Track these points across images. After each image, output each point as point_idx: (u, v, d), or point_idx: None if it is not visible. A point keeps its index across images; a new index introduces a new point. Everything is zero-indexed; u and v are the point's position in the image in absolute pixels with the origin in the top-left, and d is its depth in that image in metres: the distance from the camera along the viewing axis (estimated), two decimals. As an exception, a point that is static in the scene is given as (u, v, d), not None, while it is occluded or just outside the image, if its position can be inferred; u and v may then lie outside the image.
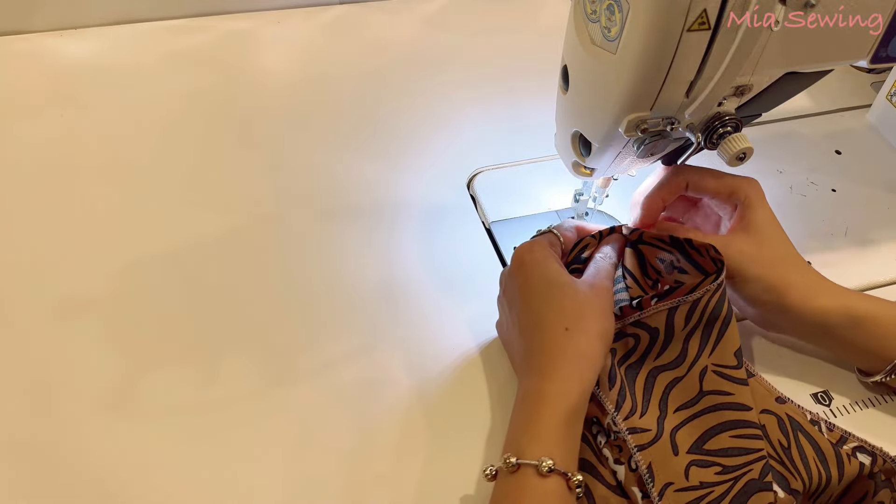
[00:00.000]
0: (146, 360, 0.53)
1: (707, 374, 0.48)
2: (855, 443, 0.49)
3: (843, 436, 0.50)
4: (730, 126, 0.45)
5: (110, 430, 0.49)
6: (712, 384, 0.48)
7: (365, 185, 0.67)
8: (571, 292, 0.48)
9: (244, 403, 0.51)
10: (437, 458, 0.49)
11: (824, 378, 0.55)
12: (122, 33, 0.80)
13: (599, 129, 0.47)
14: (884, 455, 0.49)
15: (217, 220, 0.62)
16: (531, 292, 0.49)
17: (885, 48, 0.46)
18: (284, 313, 0.56)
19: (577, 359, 0.46)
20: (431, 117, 0.74)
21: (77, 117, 0.71)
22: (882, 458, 0.48)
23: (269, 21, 0.84)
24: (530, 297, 0.49)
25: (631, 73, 0.42)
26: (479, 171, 0.68)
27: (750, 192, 0.53)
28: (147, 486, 0.47)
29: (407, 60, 0.81)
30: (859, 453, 0.48)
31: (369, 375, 0.53)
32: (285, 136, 0.71)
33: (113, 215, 0.62)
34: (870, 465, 0.48)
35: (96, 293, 0.56)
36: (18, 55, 0.77)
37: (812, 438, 0.49)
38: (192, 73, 0.76)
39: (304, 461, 0.48)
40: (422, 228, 0.63)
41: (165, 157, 0.68)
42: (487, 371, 0.54)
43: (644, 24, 0.40)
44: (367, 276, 0.59)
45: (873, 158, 0.73)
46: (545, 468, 0.42)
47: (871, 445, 0.49)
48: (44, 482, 0.46)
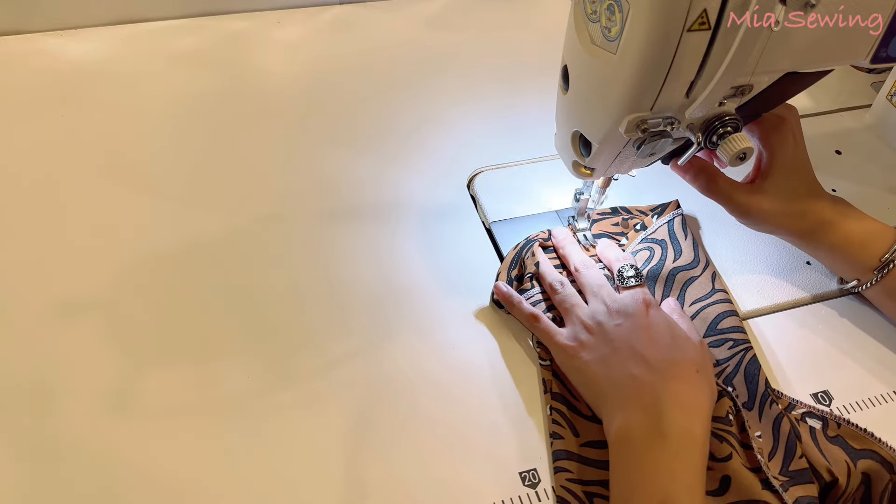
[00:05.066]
0: (146, 360, 0.53)
1: (717, 276, 0.59)
2: (803, 409, 0.51)
3: (791, 402, 0.52)
4: (730, 126, 0.45)
5: (110, 430, 0.49)
6: (721, 285, 0.58)
7: (365, 184, 0.67)
8: (696, 345, 0.51)
9: (244, 403, 0.51)
10: (438, 458, 0.49)
11: (824, 378, 0.55)
12: (122, 33, 0.80)
13: (599, 129, 0.47)
14: (836, 418, 0.50)
15: (217, 219, 0.62)
16: (656, 336, 0.51)
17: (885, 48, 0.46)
18: (285, 313, 0.56)
19: (710, 400, 0.48)
20: (431, 117, 0.74)
21: (77, 117, 0.71)
22: (836, 422, 0.50)
23: (269, 21, 0.84)
24: (654, 341, 0.50)
25: (631, 74, 0.42)
26: (479, 171, 0.68)
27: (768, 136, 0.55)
28: (147, 485, 0.47)
29: (407, 60, 0.81)
30: (808, 418, 0.50)
31: (370, 375, 0.53)
32: (285, 136, 0.71)
33: (113, 215, 0.62)
34: (821, 429, 0.50)
35: (96, 293, 0.56)
36: (18, 55, 0.77)
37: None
38: (191, 74, 0.76)
39: (304, 461, 0.48)
40: (422, 228, 0.63)
41: (165, 157, 0.68)
42: (487, 370, 0.54)
43: (644, 24, 0.40)
44: (368, 276, 0.59)
45: (873, 158, 0.73)
46: None
47: (820, 410, 0.51)
48: (44, 482, 0.46)
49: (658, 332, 0.51)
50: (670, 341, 0.50)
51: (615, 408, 0.48)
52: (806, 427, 0.50)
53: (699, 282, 0.58)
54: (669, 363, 0.48)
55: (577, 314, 0.54)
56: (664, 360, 0.49)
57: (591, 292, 0.55)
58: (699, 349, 0.51)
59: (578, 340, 0.52)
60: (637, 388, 0.48)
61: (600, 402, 0.50)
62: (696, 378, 0.48)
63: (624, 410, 0.47)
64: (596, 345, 0.51)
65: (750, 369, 0.52)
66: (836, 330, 0.58)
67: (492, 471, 0.48)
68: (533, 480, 0.48)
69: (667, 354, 0.49)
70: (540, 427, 0.51)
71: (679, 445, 0.44)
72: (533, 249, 0.59)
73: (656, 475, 0.43)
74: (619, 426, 0.46)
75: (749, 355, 0.53)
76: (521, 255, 0.58)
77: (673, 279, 0.58)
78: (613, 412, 0.48)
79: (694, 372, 0.48)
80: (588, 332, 0.52)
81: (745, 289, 0.60)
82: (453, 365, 0.54)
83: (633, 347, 0.50)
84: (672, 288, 0.58)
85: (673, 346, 0.50)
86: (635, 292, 0.54)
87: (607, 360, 0.50)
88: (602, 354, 0.51)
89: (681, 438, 0.44)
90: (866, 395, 0.54)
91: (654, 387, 0.47)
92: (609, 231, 0.63)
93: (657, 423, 0.45)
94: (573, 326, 0.53)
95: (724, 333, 0.55)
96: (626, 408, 0.47)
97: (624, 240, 0.63)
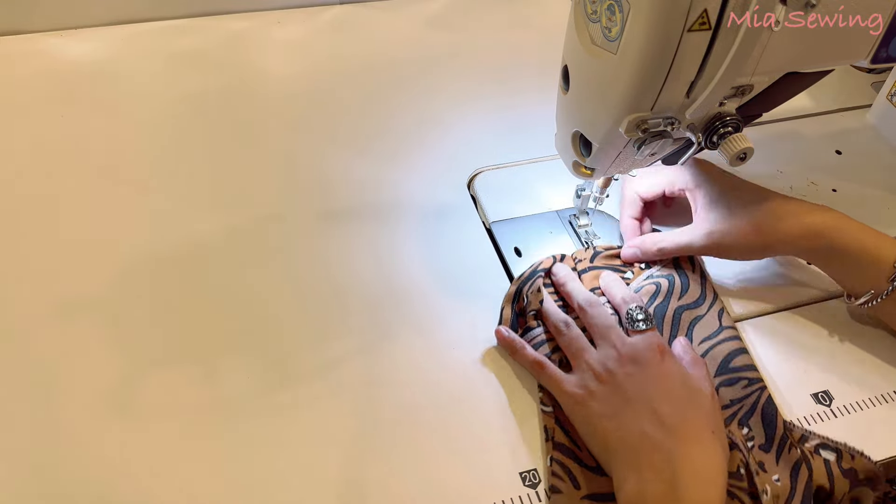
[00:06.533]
0: (146, 360, 0.53)
1: (724, 313, 0.56)
2: (817, 440, 0.50)
3: (804, 434, 0.50)
4: (730, 126, 0.45)
5: (110, 430, 0.49)
6: (728, 320, 0.56)
7: (365, 185, 0.67)
8: (709, 398, 0.48)
9: (244, 403, 0.51)
10: (438, 457, 0.49)
11: (824, 378, 0.55)
12: (122, 33, 0.80)
13: (600, 129, 0.47)
14: (850, 450, 0.49)
15: (217, 219, 0.62)
16: (671, 390, 0.48)
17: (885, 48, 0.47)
18: (285, 313, 0.56)
19: (725, 461, 0.46)
20: (431, 117, 0.74)
21: (77, 117, 0.71)
22: (850, 454, 0.49)
23: (269, 21, 0.84)
24: (669, 394, 0.48)
25: (631, 74, 0.42)
26: (479, 171, 0.68)
27: (684, 178, 0.58)
28: (147, 485, 0.47)
29: (407, 60, 0.81)
30: (822, 450, 0.49)
31: (370, 375, 0.53)
32: (285, 137, 0.71)
33: (113, 215, 0.62)
34: (835, 461, 0.48)
35: (96, 293, 0.56)
36: (18, 55, 0.77)
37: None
38: (191, 74, 0.76)
39: (304, 461, 0.48)
40: (422, 228, 0.63)
41: (165, 158, 0.68)
42: (487, 370, 0.54)
43: (644, 24, 0.40)
44: (368, 276, 0.59)
45: (873, 158, 0.73)
46: None
47: (834, 441, 0.49)
48: (44, 482, 0.46)
49: (673, 385, 0.48)
50: (685, 395, 0.48)
51: (626, 466, 0.46)
52: (820, 459, 0.49)
53: (706, 320, 0.55)
54: (683, 422, 0.46)
55: (585, 359, 0.51)
56: (679, 418, 0.46)
57: (600, 335, 0.52)
58: (712, 404, 0.48)
59: (587, 389, 0.49)
60: (649, 449, 0.45)
61: (609, 458, 0.47)
62: (711, 440, 0.46)
63: (636, 471, 0.45)
64: (606, 395, 0.48)
65: (767, 410, 0.50)
66: (836, 330, 0.58)
67: (492, 471, 0.48)
68: (533, 480, 0.48)
69: (682, 412, 0.46)
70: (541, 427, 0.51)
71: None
72: (539, 285, 0.56)
73: None
74: (632, 490, 0.44)
75: (765, 395, 0.51)
76: (522, 288, 0.56)
77: (679, 318, 0.55)
78: (625, 471, 0.45)
79: (709, 433, 0.46)
80: (598, 381, 0.49)
81: (746, 289, 0.60)
82: (453, 365, 0.54)
83: (646, 401, 0.47)
84: (679, 327, 0.55)
85: (688, 401, 0.47)
86: (648, 337, 0.51)
87: (619, 413, 0.47)
88: (613, 406, 0.48)
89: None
90: (866, 396, 0.54)
91: (668, 449, 0.45)
92: (613, 264, 0.60)
93: (672, 490, 0.43)
94: (581, 373, 0.50)
95: (737, 372, 0.52)
96: (639, 469, 0.45)
97: (629, 272, 0.59)
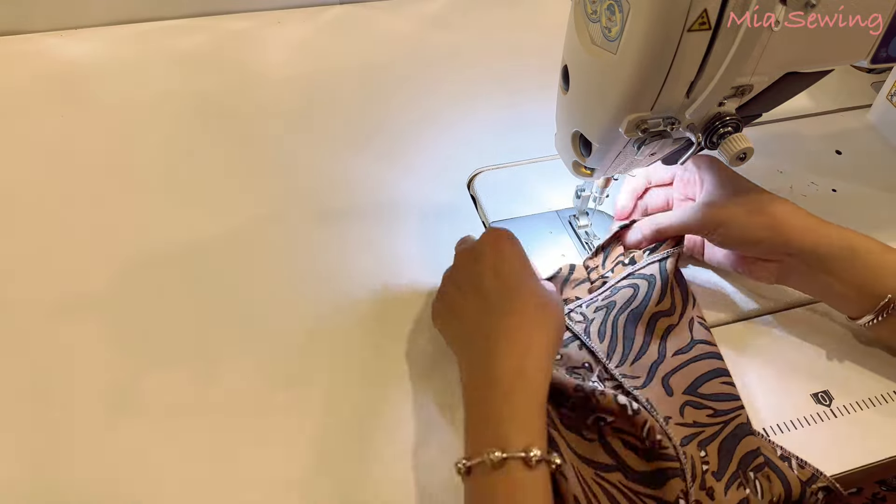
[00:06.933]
0: (146, 360, 0.53)
1: (695, 324, 0.55)
2: (824, 483, 0.48)
3: (815, 474, 0.48)
4: (730, 126, 0.45)
5: (110, 430, 0.49)
6: (700, 334, 0.54)
7: (365, 184, 0.67)
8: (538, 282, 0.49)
9: (244, 403, 0.51)
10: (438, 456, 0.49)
11: (824, 378, 0.55)
12: (122, 33, 0.80)
13: (600, 129, 0.47)
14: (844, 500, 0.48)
15: (217, 219, 0.62)
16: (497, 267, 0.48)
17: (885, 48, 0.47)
18: (285, 313, 0.56)
19: (549, 337, 0.46)
20: (431, 117, 0.74)
21: (77, 117, 0.71)
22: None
23: (270, 21, 0.84)
24: (496, 272, 0.48)
25: (631, 74, 0.42)
26: (479, 171, 0.68)
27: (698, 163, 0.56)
28: (147, 485, 0.47)
29: (407, 60, 0.81)
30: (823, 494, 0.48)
31: (370, 375, 0.53)
32: (285, 136, 0.71)
33: (113, 215, 0.62)
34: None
35: (96, 293, 0.56)
36: (18, 55, 0.77)
37: (781, 473, 0.48)
38: (192, 73, 0.76)
39: (304, 461, 0.48)
40: (422, 228, 0.63)
41: (166, 157, 0.68)
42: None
43: (644, 24, 0.40)
44: (368, 276, 0.59)
45: (873, 158, 0.73)
46: (534, 459, 0.39)
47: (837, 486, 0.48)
48: (44, 482, 0.46)
49: (501, 263, 0.48)
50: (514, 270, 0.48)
51: (458, 352, 0.48)
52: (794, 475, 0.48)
53: (678, 330, 0.54)
54: (507, 297, 0.46)
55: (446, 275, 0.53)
56: (502, 294, 0.46)
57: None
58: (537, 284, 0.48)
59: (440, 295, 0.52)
60: (473, 329, 0.46)
61: (456, 352, 0.49)
62: (534, 313, 0.46)
63: (463, 353, 0.46)
64: (444, 294, 0.51)
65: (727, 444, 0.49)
66: (836, 330, 0.58)
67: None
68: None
69: (506, 288, 0.47)
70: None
71: (509, 387, 0.42)
72: None
73: (489, 419, 0.42)
74: (463, 375, 0.46)
75: (729, 428, 0.49)
76: None
77: (654, 325, 0.54)
78: (458, 357, 0.48)
79: (533, 307, 0.46)
80: (443, 285, 0.52)
81: (746, 289, 0.60)
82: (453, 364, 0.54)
83: (474, 284, 0.48)
84: (654, 335, 0.54)
85: (516, 277, 0.48)
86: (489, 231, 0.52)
87: (454, 306, 0.49)
88: (450, 301, 0.50)
89: (511, 380, 0.42)
90: (866, 395, 0.54)
91: (489, 324, 0.45)
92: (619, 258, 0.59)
93: (487, 364, 0.44)
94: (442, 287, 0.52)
95: (705, 399, 0.50)
96: (468, 349, 0.46)
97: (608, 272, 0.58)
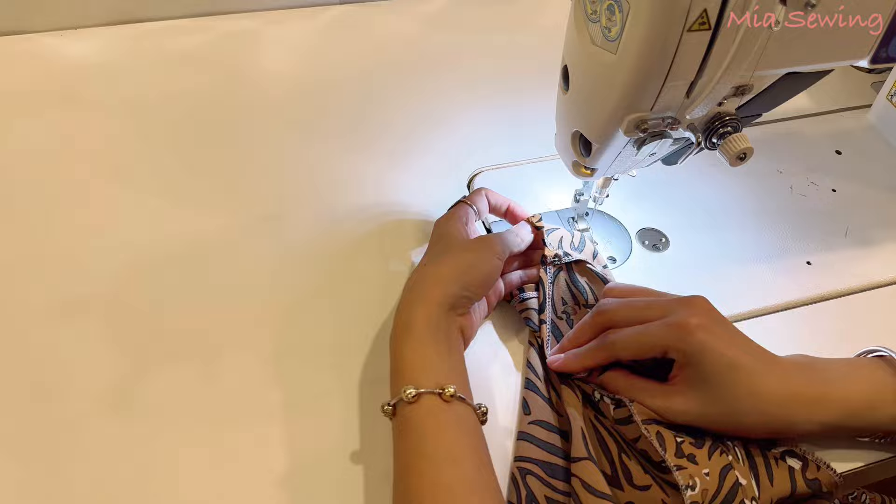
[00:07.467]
0: (146, 360, 0.53)
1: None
2: (784, 447, 0.47)
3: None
4: (730, 126, 0.45)
5: (110, 429, 0.49)
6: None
7: (365, 184, 0.67)
8: (456, 233, 0.53)
9: (244, 403, 0.51)
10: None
11: (824, 378, 0.54)
12: (122, 33, 0.80)
13: (600, 129, 0.47)
14: (816, 461, 0.46)
15: (217, 219, 0.62)
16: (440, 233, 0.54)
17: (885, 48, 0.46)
18: (284, 313, 0.56)
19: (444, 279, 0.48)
20: (431, 117, 0.74)
21: (77, 117, 0.71)
22: (815, 464, 0.46)
23: (270, 21, 0.84)
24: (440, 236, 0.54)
25: (631, 74, 0.42)
26: (479, 171, 0.68)
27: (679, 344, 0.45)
28: (147, 485, 0.47)
29: (407, 60, 0.81)
30: (788, 457, 0.46)
31: (370, 375, 0.53)
32: (285, 136, 0.71)
33: (113, 215, 0.62)
34: (800, 470, 0.46)
35: (96, 293, 0.56)
36: (18, 55, 0.77)
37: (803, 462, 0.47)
38: (191, 73, 0.76)
39: (304, 461, 0.48)
40: (422, 228, 0.63)
41: (165, 157, 0.68)
42: (486, 368, 0.54)
43: (644, 24, 0.40)
44: (367, 276, 0.59)
45: (873, 158, 0.73)
46: (447, 394, 0.42)
47: (802, 449, 0.47)
48: (44, 482, 0.46)
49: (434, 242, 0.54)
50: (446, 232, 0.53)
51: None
52: (785, 466, 0.46)
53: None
54: (430, 250, 0.52)
55: None
56: (430, 249, 0.52)
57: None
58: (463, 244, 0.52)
59: None
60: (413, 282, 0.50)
61: None
62: (443, 257, 0.50)
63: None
64: None
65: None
66: (836, 330, 0.58)
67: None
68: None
69: (432, 244, 0.53)
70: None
71: (406, 333, 0.45)
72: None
73: (401, 365, 0.45)
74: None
75: None
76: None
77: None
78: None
79: (441, 250, 0.50)
80: None
81: (745, 289, 0.60)
82: (453, 365, 0.54)
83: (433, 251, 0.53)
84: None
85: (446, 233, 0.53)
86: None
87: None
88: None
89: (413, 327, 0.45)
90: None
91: (411, 278, 0.50)
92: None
93: (397, 314, 0.47)
94: None
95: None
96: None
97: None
